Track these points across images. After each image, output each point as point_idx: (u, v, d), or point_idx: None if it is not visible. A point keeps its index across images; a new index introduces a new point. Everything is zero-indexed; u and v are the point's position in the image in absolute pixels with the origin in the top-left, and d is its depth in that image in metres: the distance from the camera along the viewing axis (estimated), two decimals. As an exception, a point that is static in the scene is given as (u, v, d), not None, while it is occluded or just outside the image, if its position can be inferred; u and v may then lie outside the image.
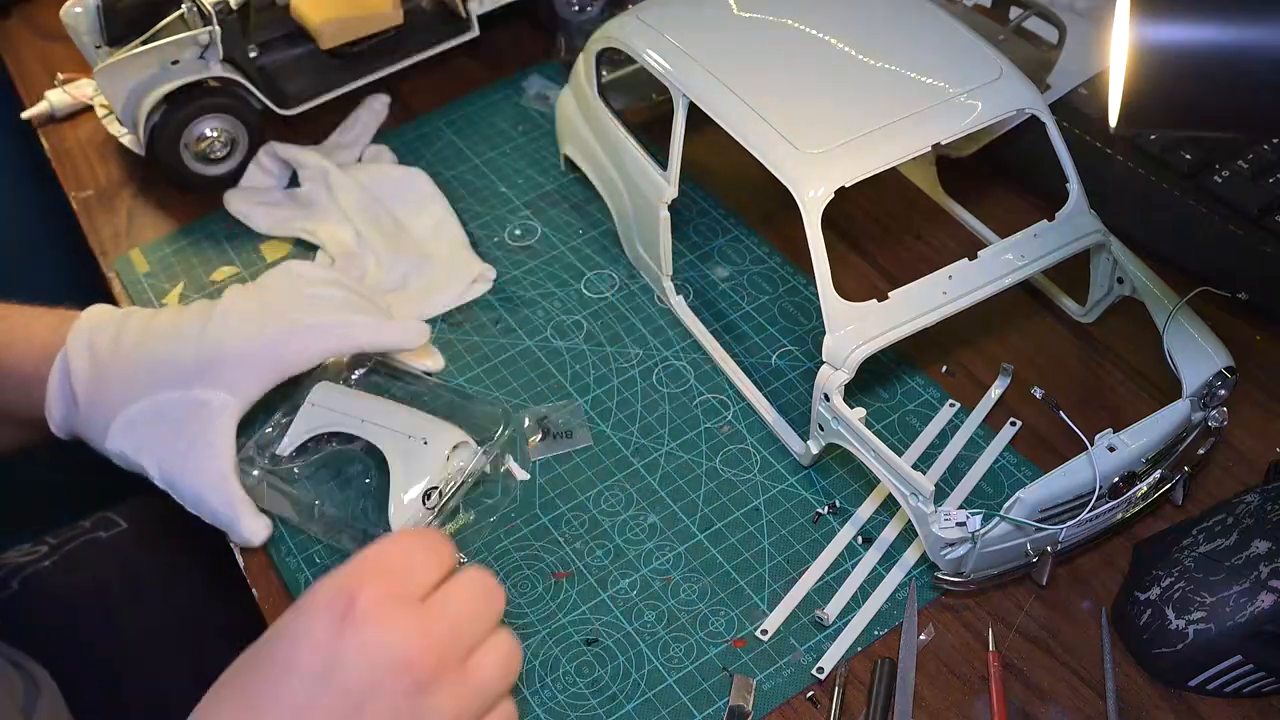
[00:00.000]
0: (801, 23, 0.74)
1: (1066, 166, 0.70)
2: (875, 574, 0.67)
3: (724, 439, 0.74)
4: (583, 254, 0.86)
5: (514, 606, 0.67)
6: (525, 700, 0.64)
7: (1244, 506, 0.63)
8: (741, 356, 0.78)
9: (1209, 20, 0.47)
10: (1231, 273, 0.75)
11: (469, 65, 1.02)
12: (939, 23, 0.74)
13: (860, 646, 0.64)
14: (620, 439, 0.75)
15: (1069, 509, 0.61)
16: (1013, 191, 0.86)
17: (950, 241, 0.84)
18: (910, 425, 0.74)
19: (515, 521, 0.71)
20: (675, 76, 0.73)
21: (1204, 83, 0.48)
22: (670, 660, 0.64)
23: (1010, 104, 0.69)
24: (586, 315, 0.82)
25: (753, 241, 0.86)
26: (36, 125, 1.02)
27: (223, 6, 0.86)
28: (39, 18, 1.12)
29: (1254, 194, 0.76)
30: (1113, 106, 0.50)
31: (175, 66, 0.87)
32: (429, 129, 0.97)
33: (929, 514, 0.62)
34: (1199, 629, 0.60)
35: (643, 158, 0.78)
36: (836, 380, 0.65)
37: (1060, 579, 0.66)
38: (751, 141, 0.68)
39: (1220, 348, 0.67)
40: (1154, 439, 0.63)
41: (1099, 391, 0.75)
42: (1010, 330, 0.78)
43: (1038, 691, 0.62)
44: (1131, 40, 0.47)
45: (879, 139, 0.66)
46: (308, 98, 0.92)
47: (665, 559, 0.69)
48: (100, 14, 0.91)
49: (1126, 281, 0.73)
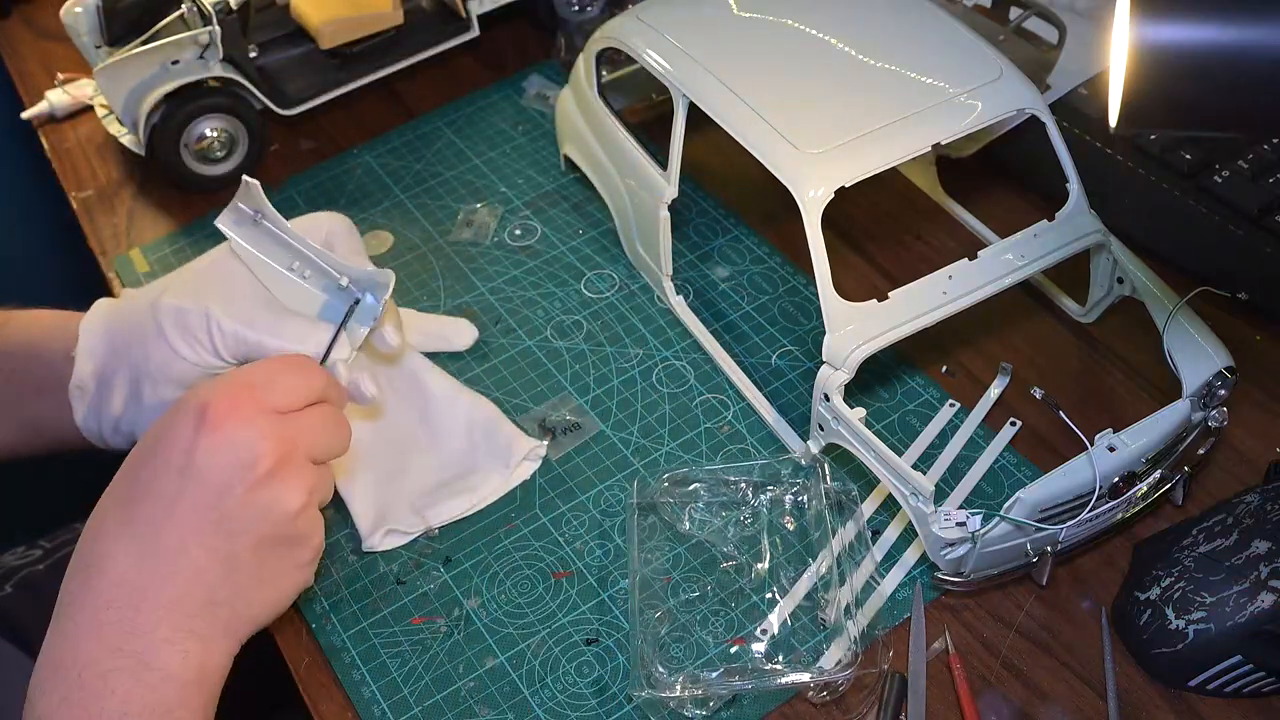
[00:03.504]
0: (801, 23, 0.74)
1: (1066, 166, 0.70)
2: (875, 574, 0.67)
3: (724, 439, 0.74)
4: (583, 254, 0.86)
5: (514, 606, 0.67)
6: (525, 700, 0.64)
7: (1244, 506, 0.63)
8: (741, 356, 0.78)
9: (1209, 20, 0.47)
10: (1231, 273, 0.75)
11: (469, 65, 1.03)
12: (939, 23, 0.74)
13: (860, 647, 0.64)
14: (620, 439, 0.75)
15: (1069, 509, 0.61)
16: (1013, 191, 0.86)
17: (950, 241, 0.84)
18: (910, 425, 0.74)
19: (515, 521, 0.71)
20: (675, 76, 0.73)
21: (1204, 83, 0.48)
22: (670, 660, 0.64)
23: (1010, 104, 0.69)
24: (586, 315, 0.82)
25: (753, 241, 0.86)
26: (36, 125, 1.02)
27: (223, 6, 0.86)
28: (39, 18, 1.12)
29: (1254, 194, 0.76)
30: (1113, 106, 0.50)
31: (175, 66, 0.87)
32: (429, 129, 0.97)
33: (929, 514, 0.62)
34: (1199, 629, 0.60)
35: (643, 158, 0.78)
36: (836, 380, 0.65)
37: (1060, 579, 0.66)
38: (751, 141, 0.68)
39: (1220, 348, 0.67)
40: (1154, 439, 0.63)
41: (1099, 391, 0.75)
42: (1010, 330, 0.78)
43: (1038, 691, 0.62)
44: (1131, 40, 0.47)
45: (879, 139, 0.66)
46: (308, 98, 0.92)
47: (665, 559, 0.68)
48: (100, 14, 0.91)
49: (1126, 281, 0.73)
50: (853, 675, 0.62)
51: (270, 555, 0.58)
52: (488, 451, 0.73)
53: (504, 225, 0.89)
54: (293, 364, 0.60)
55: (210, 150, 0.91)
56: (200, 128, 0.90)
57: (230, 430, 0.55)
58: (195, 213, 0.92)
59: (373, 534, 0.70)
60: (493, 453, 0.73)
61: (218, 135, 0.91)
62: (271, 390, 0.57)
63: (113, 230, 0.92)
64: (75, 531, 0.94)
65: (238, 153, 0.92)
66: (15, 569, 0.91)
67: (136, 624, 0.54)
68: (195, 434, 0.55)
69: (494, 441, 0.74)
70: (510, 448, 0.73)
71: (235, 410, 0.56)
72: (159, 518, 0.55)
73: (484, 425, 0.75)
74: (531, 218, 0.89)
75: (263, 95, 0.90)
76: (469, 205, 0.91)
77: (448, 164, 0.94)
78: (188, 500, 0.55)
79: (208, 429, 0.55)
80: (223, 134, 0.91)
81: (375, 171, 0.94)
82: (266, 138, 0.94)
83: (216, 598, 0.56)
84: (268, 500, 0.56)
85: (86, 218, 0.93)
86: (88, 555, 0.56)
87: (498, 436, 0.74)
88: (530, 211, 0.90)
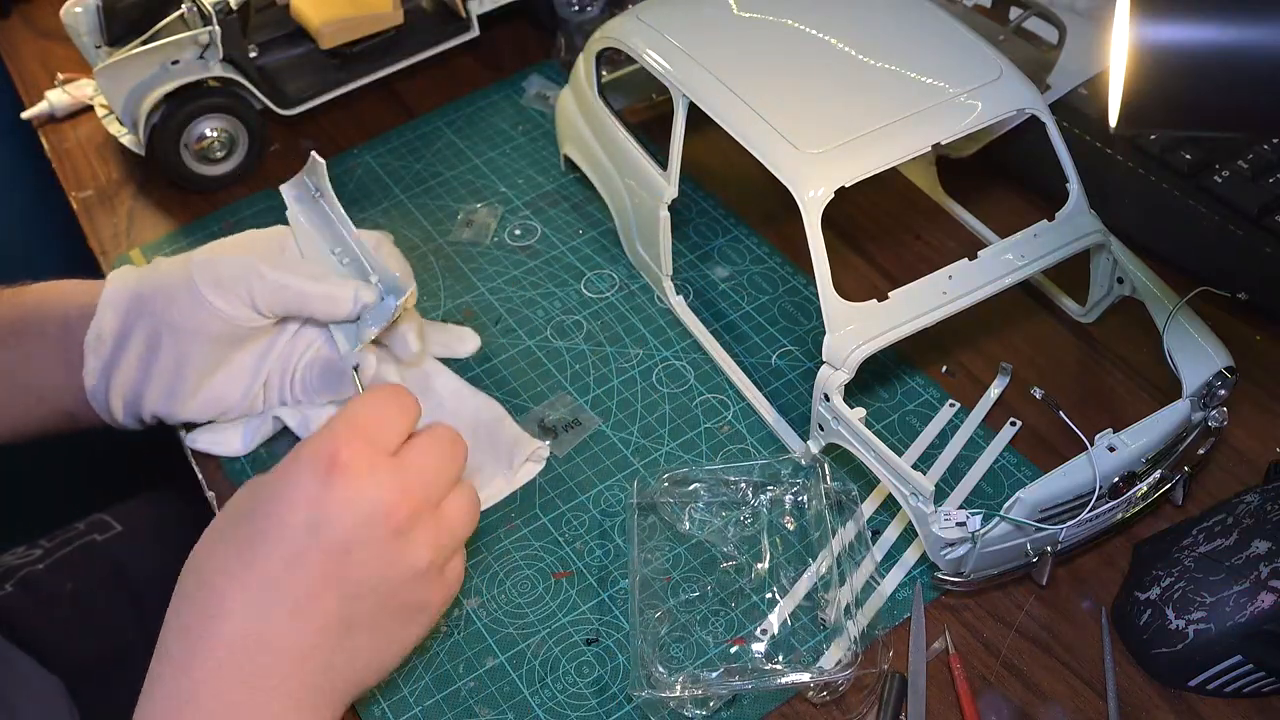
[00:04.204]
0: (801, 23, 0.74)
1: (1066, 166, 0.70)
2: (875, 574, 0.67)
3: (724, 439, 0.74)
4: (583, 254, 0.86)
5: (514, 606, 0.67)
6: (525, 700, 0.64)
7: (1244, 506, 0.63)
8: (741, 356, 0.78)
9: (1209, 20, 0.47)
10: (1231, 273, 0.75)
11: (469, 65, 1.03)
12: (939, 23, 0.74)
13: (860, 647, 0.64)
14: (620, 439, 0.75)
15: (1069, 509, 0.61)
16: (1013, 191, 0.86)
17: (950, 241, 0.84)
18: (910, 425, 0.74)
19: (515, 521, 0.71)
20: (675, 76, 0.73)
21: (1204, 83, 0.48)
22: (670, 660, 0.64)
23: (1010, 104, 0.69)
24: (586, 315, 0.82)
25: (753, 241, 0.86)
26: (36, 125, 1.02)
27: (223, 6, 0.86)
28: (39, 18, 1.12)
29: (1254, 194, 0.76)
30: (1113, 106, 0.50)
31: (175, 66, 0.87)
32: (429, 129, 0.97)
33: (929, 514, 0.62)
34: (1199, 629, 0.60)
35: (643, 158, 0.78)
36: (836, 380, 0.65)
37: (1060, 579, 0.66)
38: (751, 141, 0.68)
39: (1220, 348, 0.67)
40: (1154, 439, 0.63)
41: (1099, 391, 0.75)
42: (1010, 330, 0.78)
43: (1038, 691, 0.62)
44: (1131, 40, 0.47)
45: (879, 139, 0.66)
46: (308, 98, 0.92)
47: (665, 559, 0.68)
48: (100, 14, 0.91)
49: (1126, 281, 0.73)
50: (853, 675, 0.62)
51: (391, 617, 0.56)
52: (491, 453, 0.73)
53: (504, 225, 0.89)
54: (394, 397, 0.58)
55: (210, 150, 0.91)
56: (200, 128, 0.90)
57: (361, 483, 0.53)
58: (195, 213, 0.92)
59: None
60: (496, 454, 0.73)
61: (218, 135, 0.91)
62: (384, 432, 0.55)
63: (113, 230, 0.92)
64: (75, 530, 0.95)
65: (238, 153, 0.92)
66: (15, 568, 0.91)
67: (261, 680, 0.52)
68: (323, 488, 0.53)
69: (498, 443, 0.74)
70: (514, 449, 0.73)
71: (363, 461, 0.53)
72: (283, 571, 0.53)
73: (489, 426, 0.75)
74: (531, 218, 0.89)
75: (263, 95, 0.90)
76: (469, 205, 0.91)
77: (448, 164, 0.94)
78: (315, 558, 0.53)
79: (337, 481, 0.53)
80: (223, 134, 0.91)
81: (375, 171, 0.94)
82: (266, 138, 0.94)
83: (334, 661, 0.54)
84: (395, 557, 0.54)
85: (86, 218, 0.93)
86: (201, 601, 0.53)
87: (502, 437, 0.74)
88: (530, 211, 0.90)
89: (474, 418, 0.75)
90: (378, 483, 0.54)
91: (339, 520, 0.53)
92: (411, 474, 0.55)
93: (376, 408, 0.57)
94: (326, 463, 0.53)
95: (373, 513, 0.53)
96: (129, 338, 0.68)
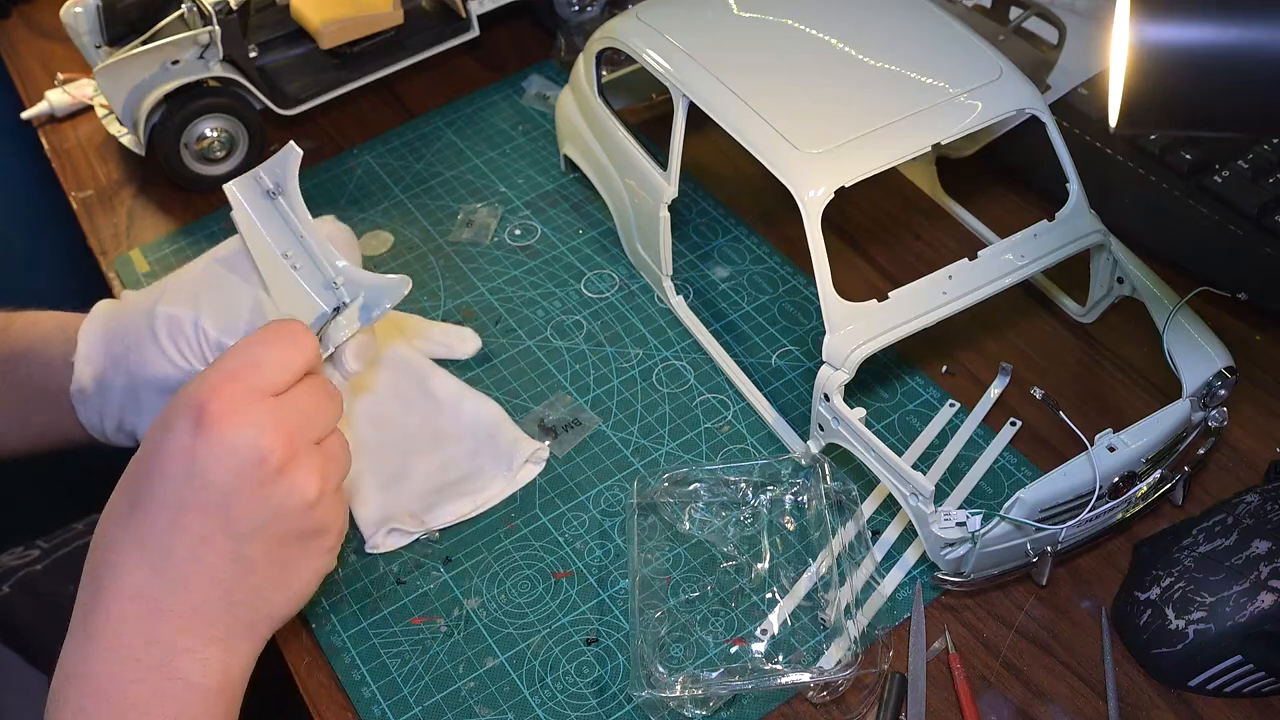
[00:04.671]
0: (801, 23, 0.74)
1: (1066, 166, 0.70)
2: (875, 574, 0.67)
3: (724, 439, 0.74)
4: (583, 254, 0.86)
5: (514, 606, 0.67)
6: (525, 700, 0.64)
7: (1244, 506, 0.63)
8: (741, 356, 0.78)
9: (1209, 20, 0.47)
10: (1231, 273, 0.75)
11: (469, 65, 1.03)
12: (939, 23, 0.74)
13: (860, 647, 0.64)
14: (620, 439, 0.75)
15: (1069, 509, 0.61)
16: (1013, 191, 0.86)
17: (950, 241, 0.84)
18: (910, 425, 0.74)
19: (515, 521, 0.71)
20: (675, 76, 0.73)
21: (1204, 83, 0.48)
22: (670, 660, 0.64)
23: (1010, 104, 0.69)
24: (586, 315, 0.82)
25: (753, 241, 0.86)
26: (36, 125, 1.02)
27: (223, 6, 0.86)
28: (39, 18, 1.12)
29: (1254, 194, 0.76)
30: (1113, 106, 0.50)
31: (175, 66, 0.87)
32: (429, 129, 0.97)
33: (929, 514, 0.62)
34: (1199, 629, 0.60)
35: (643, 158, 0.78)
36: (836, 380, 0.65)
37: (1060, 579, 0.66)
38: (751, 141, 0.68)
39: (1220, 348, 0.67)
40: (1154, 439, 0.63)
41: (1099, 391, 0.75)
42: (1010, 330, 0.78)
43: (1038, 691, 0.62)
44: (1131, 40, 0.47)
45: (879, 139, 0.66)
46: (308, 98, 0.92)
47: (665, 559, 0.68)
48: (100, 14, 0.91)
49: (1126, 281, 0.73)
50: (853, 675, 0.62)
51: (288, 550, 0.56)
52: (491, 454, 0.73)
53: (504, 225, 0.89)
54: (277, 337, 0.56)
55: (210, 150, 0.91)
56: (200, 128, 0.90)
57: (230, 430, 0.53)
58: (195, 213, 0.92)
59: (375, 535, 0.70)
60: (496, 455, 0.73)
61: (218, 135, 0.91)
62: (260, 373, 0.55)
63: (113, 230, 0.92)
64: (73, 531, 0.95)
65: (238, 153, 0.92)
66: (13, 569, 0.91)
67: (154, 635, 0.53)
68: (194, 438, 0.53)
69: (497, 444, 0.74)
70: (514, 450, 0.73)
71: (232, 407, 0.53)
72: (167, 527, 0.53)
73: (489, 427, 0.75)
74: (531, 218, 0.89)
75: (263, 95, 0.90)
76: (469, 205, 0.91)
77: (448, 164, 0.94)
78: (195, 507, 0.53)
79: (206, 431, 0.53)
80: (223, 134, 0.91)
81: (375, 171, 0.94)
82: (266, 138, 0.94)
83: (234, 600, 0.55)
84: (280, 497, 0.54)
85: (86, 218, 0.93)
86: (99, 567, 0.54)
87: (501, 439, 0.74)
88: (530, 211, 0.90)
89: (474, 419, 0.75)
90: (252, 426, 0.53)
91: (211, 471, 0.53)
92: (290, 413, 0.55)
93: (257, 349, 0.56)
94: (195, 413, 0.53)
95: (246, 459, 0.53)
96: (111, 386, 0.69)
